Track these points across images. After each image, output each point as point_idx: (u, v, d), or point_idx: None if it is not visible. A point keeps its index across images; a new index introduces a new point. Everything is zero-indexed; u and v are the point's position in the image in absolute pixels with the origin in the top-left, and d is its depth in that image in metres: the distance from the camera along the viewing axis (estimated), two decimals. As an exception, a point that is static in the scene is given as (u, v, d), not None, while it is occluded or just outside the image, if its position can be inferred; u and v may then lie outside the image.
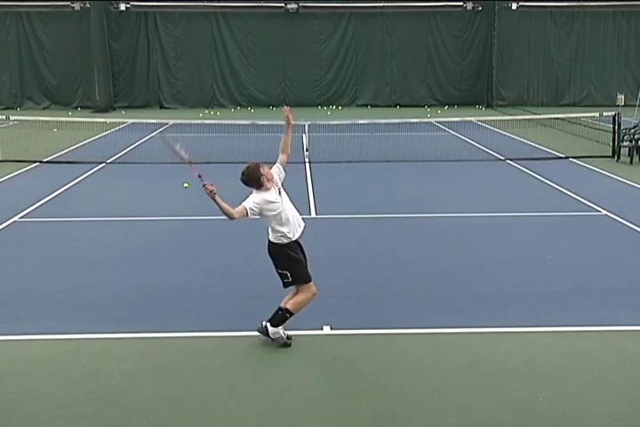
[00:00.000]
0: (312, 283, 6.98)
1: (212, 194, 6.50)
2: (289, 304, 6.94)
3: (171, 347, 7.05)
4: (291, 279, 6.90)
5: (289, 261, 6.88)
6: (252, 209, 6.69)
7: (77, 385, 6.22)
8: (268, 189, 6.81)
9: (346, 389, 6.13)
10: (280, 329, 6.95)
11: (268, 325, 6.95)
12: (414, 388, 6.13)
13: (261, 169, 6.78)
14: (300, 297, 6.94)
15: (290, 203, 7.00)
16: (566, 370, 6.44)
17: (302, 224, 7.07)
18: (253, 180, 6.76)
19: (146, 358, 6.81)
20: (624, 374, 6.36)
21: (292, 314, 6.93)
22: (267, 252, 7.01)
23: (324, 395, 6.04)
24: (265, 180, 6.78)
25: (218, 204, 6.54)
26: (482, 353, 6.82)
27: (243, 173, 6.81)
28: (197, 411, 5.77)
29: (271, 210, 6.77)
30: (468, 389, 6.09)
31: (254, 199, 6.76)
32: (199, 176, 6.75)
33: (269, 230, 6.92)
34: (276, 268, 6.96)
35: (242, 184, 6.88)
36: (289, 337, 7.06)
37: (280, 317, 6.92)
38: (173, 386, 6.18)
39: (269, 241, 6.94)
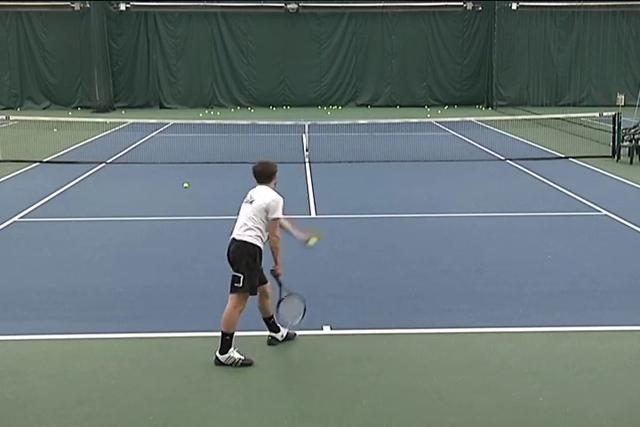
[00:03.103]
0: (249, 298, 6.70)
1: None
2: (222, 324, 6.56)
3: (171, 347, 7.06)
4: (241, 285, 6.55)
5: (251, 266, 6.61)
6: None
7: (77, 385, 6.23)
8: (272, 188, 6.79)
9: (346, 389, 6.13)
10: (232, 353, 6.56)
11: (218, 355, 6.60)
12: (414, 388, 6.13)
13: (278, 171, 6.88)
14: (229, 310, 6.58)
15: None
16: (566, 370, 6.45)
17: None
18: (269, 173, 6.80)
19: (146, 358, 6.81)
20: (624, 374, 6.36)
21: (228, 334, 6.56)
22: (228, 251, 6.71)
23: (324, 395, 6.04)
24: (275, 179, 6.84)
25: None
26: (482, 353, 6.82)
27: (261, 163, 6.89)
28: (197, 411, 5.77)
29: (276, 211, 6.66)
30: (468, 389, 6.09)
31: (278, 199, 6.65)
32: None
33: (247, 229, 6.61)
34: (235, 269, 6.61)
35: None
36: (289, 336, 7.08)
37: (221, 342, 6.58)
38: (173, 386, 6.19)
39: (243, 241, 6.59)
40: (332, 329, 7.42)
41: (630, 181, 15.47)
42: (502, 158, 18.58)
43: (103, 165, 18.13)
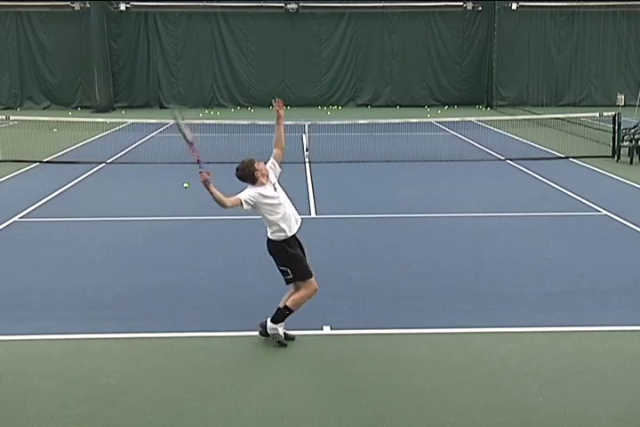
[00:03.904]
0: (313, 279, 7.00)
1: (206, 183, 6.59)
2: (289, 301, 6.96)
3: (171, 347, 7.06)
4: (291, 275, 6.94)
5: (288, 258, 6.92)
6: (246, 201, 6.76)
7: (77, 385, 6.23)
8: (262, 184, 6.86)
9: (346, 389, 6.13)
10: (279, 327, 6.97)
11: (269, 320, 6.99)
12: (414, 388, 6.13)
13: (256, 164, 6.89)
14: (300, 293, 6.96)
15: (287, 198, 7.04)
16: (566, 370, 6.45)
17: (299, 219, 7.12)
18: (248, 175, 6.85)
19: (146, 358, 6.81)
20: (624, 374, 6.36)
21: (291, 311, 6.95)
22: (267, 251, 7.06)
23: (324, 395, 6.04)
24: (260, 175, 6.85)
25: (211, 193, 6.62)
26: (482, 353, 6.82)
27: (237, 169, 6.93)
28: (197, 411, 5.77)
29: (268, 205, 6.83)
30: (468, 389, 6.09)
31: (249, 193, 6.83)
32: (198, 161, 6.80)
33: (267, 228, 6.97)
34: (277, 265, 7.01)
35: (239, 183, 6.96)
36: (288, 337, 7.09)
37: (279, 314, 6.95)
38: (173, 386, 6.19)
39: (268, 239, 6.98)
40: (332, 329, 7.41)
41: (630, 181, 15.47)
42: (502, 158, 18.58)
43: (103, 165, 18.13)
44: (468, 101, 35.36)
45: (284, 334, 7.10)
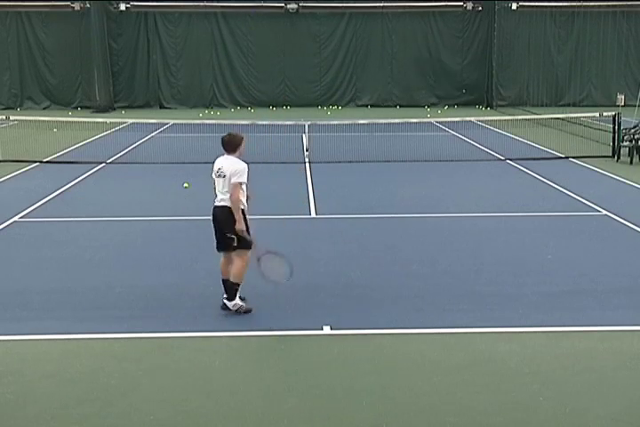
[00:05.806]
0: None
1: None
2: (232, 277, 7.65)
3: (171, 347, 7.06)
4: (236, 244, 7.57)
5: (232, 227, 7.59)
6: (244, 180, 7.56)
7: (77, 385, 6.23)
8: (238, 157, 7.69)
9: (346, 389, 6.13)
10: (237, 300, 7.69)
11: (226, 301, 7.71)
12: (414, 388, 6.13)
13: (244, 141, 7.75)
14: (237, 266, 7.63)
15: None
16: (566, 370, 6.45)
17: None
18: (235, 143, 7.68)
19: (146, 358, 6.81)
20: (624, 374, 6.37)
21: (238, 284, 7.68)
22: (218, 219, 7.72)
23: (324, 395, 6.04)
24: (241, 149, 7.71)
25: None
26: (482, 353, 6.83)
27: (229, 134, 7.77)
28: (197, 411, 5.77)
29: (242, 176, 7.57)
30: (467, 389, 6.09)
31: (242, 171, 7.53)
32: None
33: (223, 195, 7.61)
34: (224, 232, 7.62)
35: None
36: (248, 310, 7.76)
37: (231, 291, 7.68)
38: (173, 386, 6.19)
39: (223, 206, 7.63)
40: (332, 329, 7.41)
41: (630, 181, 15.47)
42: (502, 158, 18.58)
43: (103, 165, 18.13)
44: (468, 101, 35.37)
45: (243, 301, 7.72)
